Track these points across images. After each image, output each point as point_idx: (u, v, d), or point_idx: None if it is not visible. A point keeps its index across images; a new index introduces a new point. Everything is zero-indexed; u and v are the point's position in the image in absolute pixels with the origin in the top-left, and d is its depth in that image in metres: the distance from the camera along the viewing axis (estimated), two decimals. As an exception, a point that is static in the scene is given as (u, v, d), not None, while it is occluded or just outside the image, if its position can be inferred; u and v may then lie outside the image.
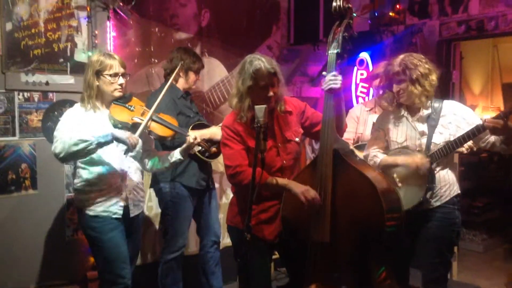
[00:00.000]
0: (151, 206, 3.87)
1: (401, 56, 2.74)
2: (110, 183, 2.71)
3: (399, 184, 2.77)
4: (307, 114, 2.66)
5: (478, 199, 5.72)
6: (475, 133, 2.54)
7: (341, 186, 2.35)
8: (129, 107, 2.77)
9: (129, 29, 3.77)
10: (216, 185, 3.85)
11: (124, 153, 2.65)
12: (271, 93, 2.45)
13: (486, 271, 4.75)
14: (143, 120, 2.72)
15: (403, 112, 2.81)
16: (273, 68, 2.44)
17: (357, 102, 4.75)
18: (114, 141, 2.58)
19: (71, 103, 3.42)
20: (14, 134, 3.28)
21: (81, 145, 2.51)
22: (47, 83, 3.39)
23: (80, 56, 3.54)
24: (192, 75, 3.43)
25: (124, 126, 2.72)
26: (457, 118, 2.69)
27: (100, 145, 2.56)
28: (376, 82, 3.57)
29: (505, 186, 6.05)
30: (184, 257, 3.56)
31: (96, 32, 3.59)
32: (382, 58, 4.72)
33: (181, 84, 3.43)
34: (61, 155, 2.55)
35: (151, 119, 2.73)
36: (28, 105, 3.34)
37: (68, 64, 3.49)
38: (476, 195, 5.66)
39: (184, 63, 3.37)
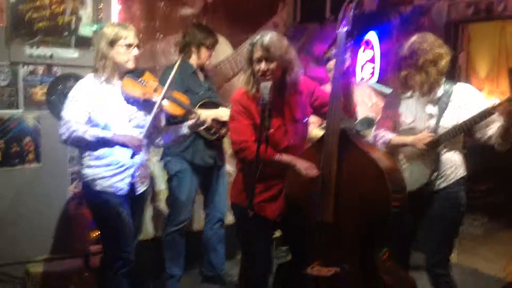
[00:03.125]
0: (154, 183, 3.87)
1: (413, 39, 2.69)
2: (118, 159, 2.71)
3: (405, 165, 2.77)
4: (317, 93, 2.64)
5: (481, 182, 5.72)
6: (485, 115, 2.51)
7: (346, 166, 2.34)
8: (142, 82, 2.76)
9: (134, 3, 3.73)
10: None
11: (131, 157, 2.66)
12: (262, 67, 2.43)
13: (485, 254, 4.77)
14: (155, 96, 2.72)
15: (414, 93, 2.79)
16: (267, 44, 2.42)
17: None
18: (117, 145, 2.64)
19: (75, 77, 3.41)
20: (18, 107, 3.27)
21: (82, 143, 2.62)
22: (51, 56, 3.37)
23: (85, 29, 3.52)
24: (204, 51, 3.40)
25: (135, 101, 2.71)
26: (467, 102, 2.66)
27: (100, 146, 2.64)
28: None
29: (509, 169, 6.03)
30: (189, 233, 3.59)
31: (101, 5, 3.55)
32: (389, 39, 4.68)
33: (193, 60, 3.42)
34: (67, 143, 2.65)
35: (163, 97, 2.72)
36: (32, 78, 3.32)
37: (73, 37, 3.46)
38: (479, 179, 5.65)
39: (195, 39, 3.36)
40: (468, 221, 5.39)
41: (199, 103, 3.30)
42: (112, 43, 2.65)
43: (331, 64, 3.44)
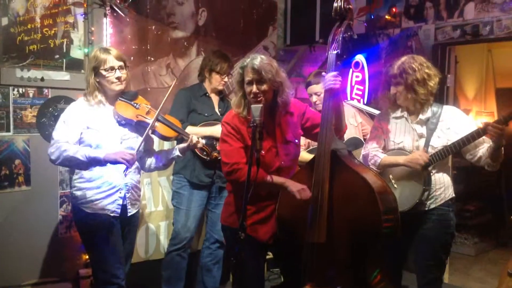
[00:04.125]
0: (144, 204, 3.85)
1: (403, 59, 2.74)
2: (110, 181, 2.70)
3: (395, 185, 2.78)
4: (308, 115, 2.67)
5: (470, 202, 5.75)
6: (474, 136, 2.55)
7: (338, 187, 2.35)
8: (135, 104, 2.78)
9: (125, 27, 3.76)
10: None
11: (124, 171, 2.67)
12: (253, 89, 2.46)
13: (478, 274, 4.78)
14: (147, 118, 2.74)
15: (403, 113, 2.82)
16: (258, 66, 2.44)
17: (352, 104, 4.76)
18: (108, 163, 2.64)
19: (66, 100, 3.41)
20: (8, 130, 3.25)
21: (74, 162, 2.62)
22: (42, 79, 3.37)
23: (76, 52, 3.53)
24: (215, 76, 3.51)
25: (128, 123, 2.72)
26: (456, 125, 2.70)
27: (92, 165, 2.64)
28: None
29: (497, 190, 6.09)
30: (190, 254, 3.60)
31: (93, 28, 3.57)
32: (377, 61, 4.74)
33: (207, 84, 3.55)
34: (56, 162, 2.65)
35: (156, 119, 2.74)
36: (23, 101, 3.31)
37: (64, 60, 3.47)
38: (468, 199, 5.69)
39: (207, 64, 3.51)
40: (460, 240, 5.40)
41: (201, 124, 3.40)
42: (95, 69, 2.68)
43: (313, 88, 3.45)
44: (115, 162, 2.61)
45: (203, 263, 3.65)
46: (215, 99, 3.59)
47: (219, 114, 3.52)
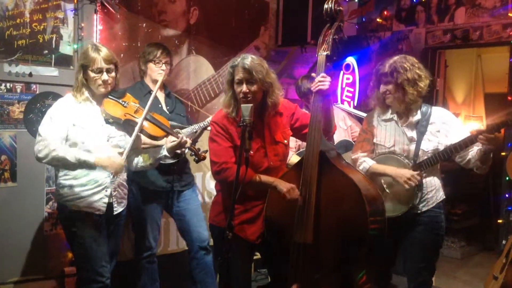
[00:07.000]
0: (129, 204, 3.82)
1: (395, 58, 2.74)
2: (96, 179, 2.68)
3: (387, 190, 2.77)
4: (297, 115, 2.67)
5: (457, 206, 5.78)
6: (467, 143, 2.56)
7: (326, 188, 2.36)
8: (123, 103, 2.76)
9: (116, 23, 3.73)
10: (199, 185, 3.82)
11: (112, 177, 2.68)
12: (244, 89, 2.45)
13: (464, 277, 4.81)
14: (135, 117, 2.72)
15: (393, 116, 2.82)
16: (249, 66, 2.43)
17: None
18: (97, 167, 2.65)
19: (54, 96, 3.37)
20: (-5, 125, 3.21)
21: (62, 162, 2.60)
22: (30, 75, 3.33)
23: (65, 48, 3.49)
24: (151, 66, 3.28)
25: (115, 121, 2.70)
26: (446, 127, 2.71)
27: (81, 167, 2.62)
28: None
29: (484, 194, 6.13)
30: (165, 256, 3.53)
31: (83, 24, 3.53)
32: (368, 63, 4.77)
33: (147, 79, 3.35)
34: (43, 161, 2.61)
35: (144, 118, 2.72)
36: (10, 96, 3.27)
37: (53, 56, 3.42)
38: (456, 202, 5.73)
39: (143, 57, 3.31)
40: (446, 244, 5.44)
41: None
42: (84, 67, 2.67)
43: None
44: (104, 168, 2.64)
45: (194, 275, 3.38)
46: (160, 96, 3.34)
47: (168, 112, 3.31)
